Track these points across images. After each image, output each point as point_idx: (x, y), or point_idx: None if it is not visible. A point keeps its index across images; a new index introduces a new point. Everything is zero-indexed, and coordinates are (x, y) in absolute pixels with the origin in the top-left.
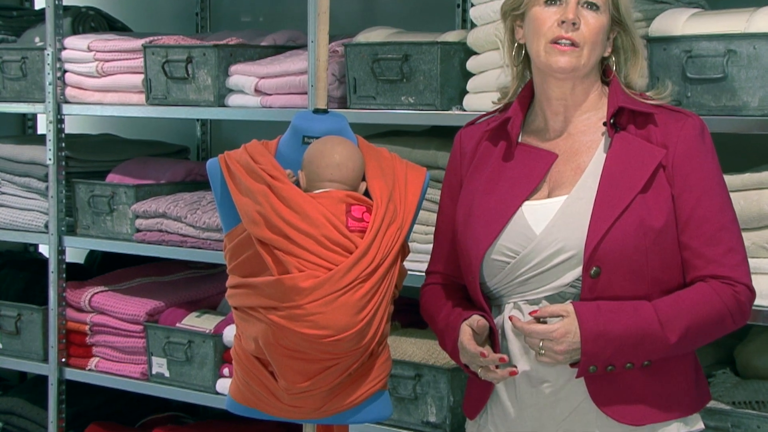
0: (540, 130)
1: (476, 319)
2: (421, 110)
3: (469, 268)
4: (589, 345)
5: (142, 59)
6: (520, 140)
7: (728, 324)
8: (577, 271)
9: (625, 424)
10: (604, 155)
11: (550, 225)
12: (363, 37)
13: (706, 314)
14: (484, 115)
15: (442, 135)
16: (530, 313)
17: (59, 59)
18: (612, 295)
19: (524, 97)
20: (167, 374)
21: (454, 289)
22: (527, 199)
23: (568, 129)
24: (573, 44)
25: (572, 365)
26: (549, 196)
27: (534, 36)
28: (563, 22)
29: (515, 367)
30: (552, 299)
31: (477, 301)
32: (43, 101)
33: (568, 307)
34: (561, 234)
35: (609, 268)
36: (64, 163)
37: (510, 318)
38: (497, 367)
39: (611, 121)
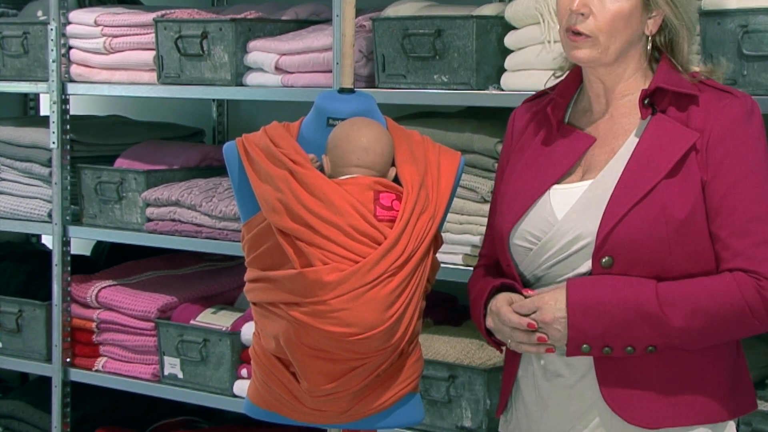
0: (586, 111)
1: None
2: (455, 90)
3: (499, 252)
4: (577, 318)
5: (154, 35)
6: (567, 121)
7: (748, 319)
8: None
9: (637, 426)
10: (637, 139)
11: (570, 211)
12: (392, 10)
13: (719, 303)
14: (542, 92)
15: (478, 116)
16: (524, 291)
17: (64, 35)
18: None
19: (575, 75)
20: (180, 375)
21: (498, 272)
22: (558, 182)
23: (610, 111)
24: (587, 34)
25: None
26: (581, 180)
27: (559, 21)
28: (572, 11)
29: (542, 334)
30: None
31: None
32: (46, 80)
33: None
34: (579, 220)
35: (623, 258)
36: (68, 146)
37: (525, 292)
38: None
39: (645, 101)
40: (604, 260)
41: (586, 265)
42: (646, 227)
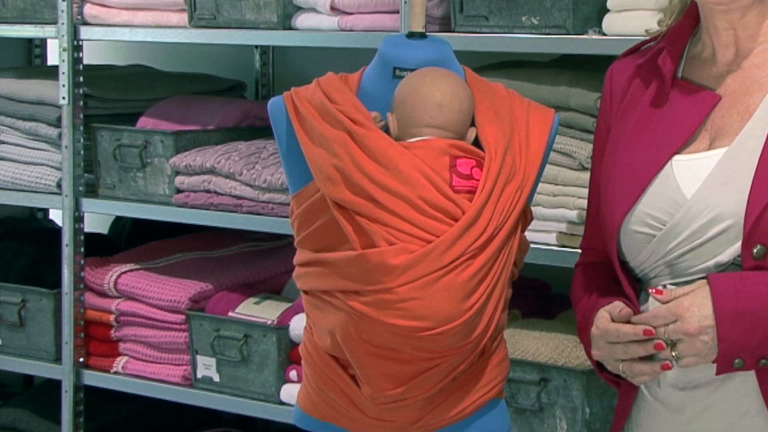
0: (706, 63)
1: (618, 307)
2: (548, 34)
3: (607, 244)
4: (727, 327)
5: None
6: (680, 75)
7: None
8: (737, 247)
9: None
10: None
11: (703, 186)
12: None
13: None
14: (643, 43)
15: (575, 66)
16: (653, 292)
17: None
18: None
19: (688, 20)
20: (216, 378)
21: (605, 269)
22: (679, 152)
23: (741, 63)
24: None
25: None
26: (709, 148)
27: None
28: None
29: (667, 361)
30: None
31: (622, 284)
32: (54, 22)
33: (700, 282)
34: (716, 197)
35: None
36: (82, 103)
37: (654, 292)
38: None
39: None
40: (756, 250)
41: (728, 254)
42: None
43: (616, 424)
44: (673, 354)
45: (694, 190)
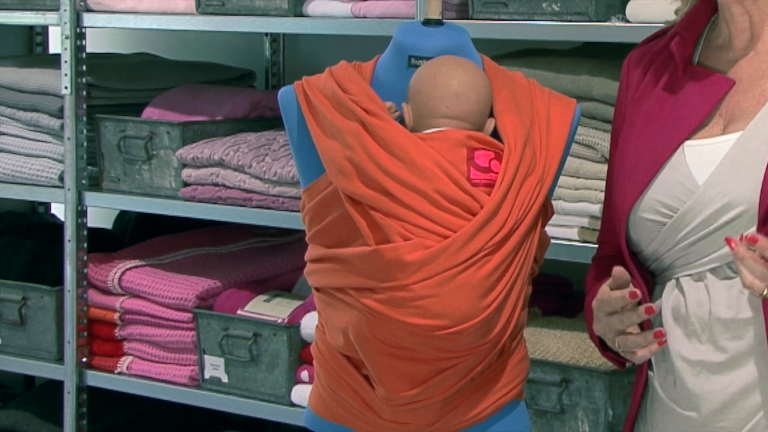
0: (723, 49)
1: (618, 272)
2: (570, 21)
3: (618, 232)
4: None
5: None
6: (696, 61)
7: None
8: None
9: None
10: None
11: (716, 172)
12: None
13: None
14: (662, 31)
15: (598, 55)
16: (746, 238)
17: None
18: None
19: (704, 5)
20: (225, 379)
21: (619, 262)
22: (691, 137)
23: (756, 47)
24: None
25: None
26: (723, 132)
27: None
28: None
29: (660, 328)
30: (718, 272)
31: (632, 275)
32: (56, 9)
33: None
34: (728, 184)
35: None
36: (85, 93)
37: (729, 241)
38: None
39: None
40: None
41: None
42: None
43: (628, 425)
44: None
45: (706, 176)
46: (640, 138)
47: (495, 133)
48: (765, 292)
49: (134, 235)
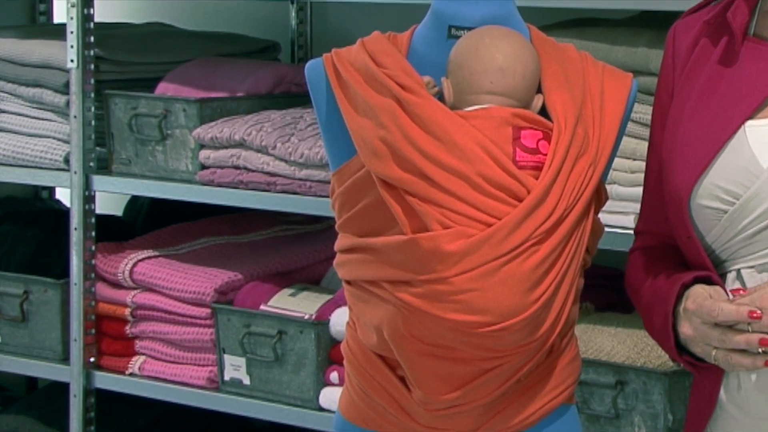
0: None
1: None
2: None
3: (675, 220)
4: None
5: None
6: (752, 32)
7: None
8: None
9: None
10: None
11: None
12: None
13: None
14: (707, 1)
15: (656, 25)
16: (730, 291)
17: None
18: None
19: None
20: (247, 381)
21: (669, 252)
22: (753, 116)
23: None
24: None
25: None
26: None
27: None
28: None
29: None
30: None
31: (699, 264)
32: None
33: None
34: None
35: None
36: (92, 66)
37: (732, 292)
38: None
39: None
40: None
41: None
42: None
43: (695, 427)
44: None
45: None
46: (695, 117)
47: (543, 111)
48: None
49: (147, 222)
